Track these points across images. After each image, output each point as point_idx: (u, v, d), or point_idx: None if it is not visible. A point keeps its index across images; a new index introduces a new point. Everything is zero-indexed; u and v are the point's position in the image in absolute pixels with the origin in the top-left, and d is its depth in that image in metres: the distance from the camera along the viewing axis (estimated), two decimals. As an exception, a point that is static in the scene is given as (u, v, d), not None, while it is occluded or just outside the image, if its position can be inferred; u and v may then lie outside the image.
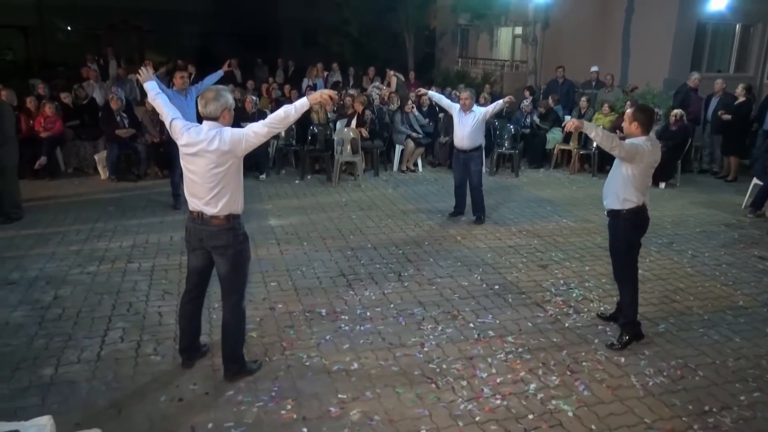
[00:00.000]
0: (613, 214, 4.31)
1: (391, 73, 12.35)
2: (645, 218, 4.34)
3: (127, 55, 20.19)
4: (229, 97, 3.47)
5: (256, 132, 3.42)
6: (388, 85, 11.93)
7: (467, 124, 6.87)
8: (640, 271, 4.61)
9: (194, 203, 3.52)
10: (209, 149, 3.35)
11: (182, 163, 3.52)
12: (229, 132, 3.39)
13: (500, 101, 6.96)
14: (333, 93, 3.63)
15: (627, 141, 4.20)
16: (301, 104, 3.48)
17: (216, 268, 3.65)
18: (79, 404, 3.46)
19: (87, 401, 3.49)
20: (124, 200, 7.78)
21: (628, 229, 4.31)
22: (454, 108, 7.06)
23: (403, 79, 12.75)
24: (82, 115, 9.52)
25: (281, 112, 3.47)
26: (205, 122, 3.44)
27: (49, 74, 14.69)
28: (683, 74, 11.74)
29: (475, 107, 6.89)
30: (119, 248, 6.01)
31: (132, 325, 4.42)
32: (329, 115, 9.96)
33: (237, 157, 3.44)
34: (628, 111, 4.27)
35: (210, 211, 3.46)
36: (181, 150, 3.48)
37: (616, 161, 4.26)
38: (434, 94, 7.71)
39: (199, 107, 3.45)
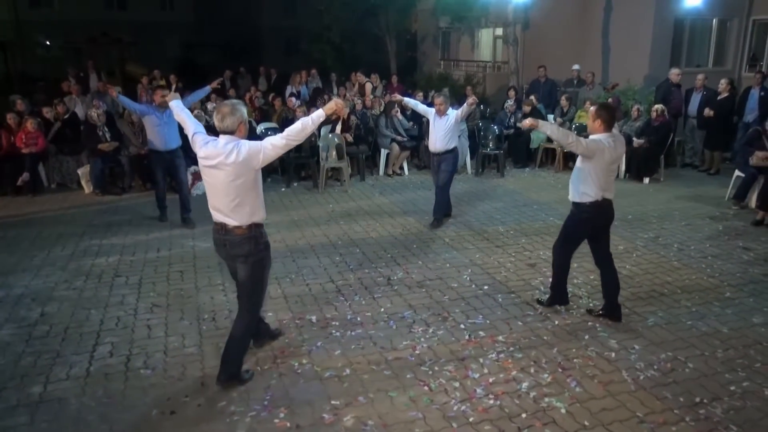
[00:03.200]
0: (574, 205, 4.51)
1: (364, 79, 12.31)
2: (607, 213, 4.48)
3: (109, 68, 20.09)
4: (244, 110, 3.56)
5: (274, 145, 3.51)
6: (363, 94, 11.88)
7: (441, 128, 6.89)
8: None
9: (217, 216, 3.63)
10: (227, 162, 3.44)
11: (202, 175, 3.64)
12: (247, 145, 3.47)
13: (465, 104, 6.83)
14: (342, 102, 3.74)
15: (589, 138, 4.38)
16: (318, 116, 3.59)
17: (237, 273, 3.76)
18: (69, 422, 3.42)
19: (77, 418, 3.45)
20: (110, 214, 7.72)
21: (581, 221, 4.51)
22: (429, 112, 7.09)
23: (374, 84, 12.75)
24: (64, 129, 9.44)
25: (298, 124, 3.55)
26: (222, 136, 3.52)
27: (29, 89, 14.56)
28: (663, 70, 11.87)
29: (450, 110, 6.91)
30: (106, 262, 5.96)
31: (121, 339, 4.37)
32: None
33: (255, 169, 3.52)
34: (591, 109, 4.47)
35: (232, 222, 3.57)
36: (201, 162, 3.58)
37: (579, 156, 4.36)
38: (410, 101, 7.71)
39: (216, 122, 3.51)
